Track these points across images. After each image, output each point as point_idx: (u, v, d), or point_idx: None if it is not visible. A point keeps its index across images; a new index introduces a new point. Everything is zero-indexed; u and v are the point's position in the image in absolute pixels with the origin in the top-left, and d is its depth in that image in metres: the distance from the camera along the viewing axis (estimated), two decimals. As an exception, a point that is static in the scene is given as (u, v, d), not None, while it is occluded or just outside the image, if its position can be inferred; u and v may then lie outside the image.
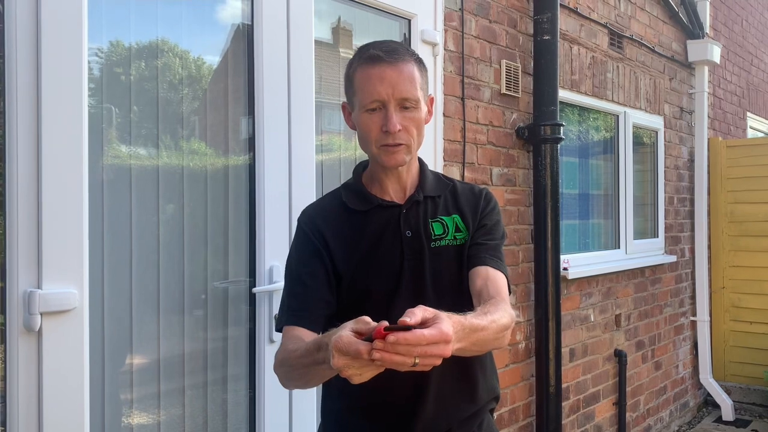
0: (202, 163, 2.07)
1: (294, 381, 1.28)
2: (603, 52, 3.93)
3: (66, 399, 1.64)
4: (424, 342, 0.93)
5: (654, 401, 4.45)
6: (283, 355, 1.27)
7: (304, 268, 1.37)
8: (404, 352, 0.92)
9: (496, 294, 1.29)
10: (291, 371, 1.24)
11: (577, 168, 3.91)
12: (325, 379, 1.22)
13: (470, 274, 1.36)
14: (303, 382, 1.26)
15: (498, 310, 1.19)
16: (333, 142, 2.48)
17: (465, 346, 1.06)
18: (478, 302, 1.29)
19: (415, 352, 0.93)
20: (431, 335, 0.93)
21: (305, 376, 1.21)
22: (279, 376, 1.31)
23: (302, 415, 2.22)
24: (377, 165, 1.39)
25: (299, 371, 1.20)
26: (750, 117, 6.28)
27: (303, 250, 1.39)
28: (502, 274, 1.36)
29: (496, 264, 1.36)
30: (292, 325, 1.32)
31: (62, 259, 1.64)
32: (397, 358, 0.93)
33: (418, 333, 0.93)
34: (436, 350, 0.94)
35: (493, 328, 1.15)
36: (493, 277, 1.33)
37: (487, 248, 1.38)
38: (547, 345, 3.18)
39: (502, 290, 1.32)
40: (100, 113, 1.83)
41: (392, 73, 1.29)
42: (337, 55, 2.53)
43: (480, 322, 1.11)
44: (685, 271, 4.93)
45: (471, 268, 1.36)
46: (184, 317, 2.01)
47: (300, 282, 1.36)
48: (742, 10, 6.05)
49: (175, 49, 2.03)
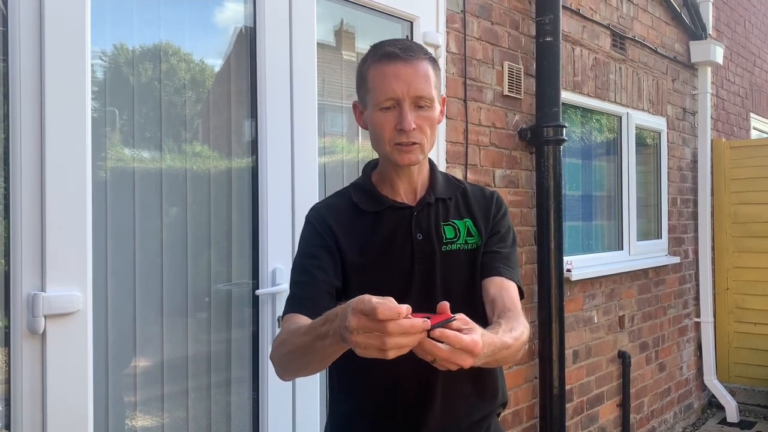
0: (205, 166, 2.08)
1: (291, 364, 1.22)
2: (605, 54, 3.93)
3: (69, 401, 1.64)
4: (457, 345, 0.92)
5: (658, 403, 4.43)
6: (283, 337, 1.22)
7: (309, 260, 1.34)
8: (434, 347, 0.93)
9: (511, 305, 1.29)
10: (290, 352, 1.18)
11: (579, 169, 3.90)
12: (326, 360, 1.15)
13: (484, 284, 1.36)
14: (301, 365, 1.20)
15: (519, 325, 1.21)
16: (336, 144, 2.48)
17: (486, 362, 1.06)
18: (491, 311, 1.30)
19: (442, 353, 0.92)
20: (466, 343, 0.93)
21: (305, 356, 1.15)
22: (276, 361, 1.26)
23: (306, 417, 2.22)
24: (389, 165, 1.37)
25: (300, 351, 1.15)
26: (753, 118, 6.26)
27: (310, 243, 1.36)
28: (515, 284, 1.36)
29: (510, 274, 1.37)
30: (294, 313, 1.28)
31: (66, 262, 1.64)
32: (427, 346, 0.92)
33: (458, 335, 0.92)
34: (461, 359, 0.94)
35: (517, 346, 1.17)
36: (507, 287, 1.34)
37: (501, 257, 1.38)
38: (550, 347, 3.17)
39: (516, 301, 1.33)
40: (103, 116, 1.84)
41: (408, 71, 1.27)
42: (340, 57, 2.54)
43: (507, 341, 1.12)
44: (688, 273, 4.92)
45: (485, 278, 1.36)
46: (187, 320, 2.01)
47: (305, 272, 1.33)
48: (745, 11, 6.04)
49: (178, 52, 2.04)
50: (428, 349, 0.93)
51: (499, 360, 1.13)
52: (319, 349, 1.07)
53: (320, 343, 1.06)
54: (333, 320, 1.01)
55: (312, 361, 1.15)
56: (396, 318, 0.89)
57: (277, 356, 1.25)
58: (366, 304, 0.90)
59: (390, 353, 0.91)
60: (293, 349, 1.17)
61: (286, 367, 1.24)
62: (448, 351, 0.93)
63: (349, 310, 0.92)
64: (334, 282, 1.31)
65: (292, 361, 1.20)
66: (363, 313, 0.90)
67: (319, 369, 1.24)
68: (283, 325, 1.28)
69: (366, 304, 0.90)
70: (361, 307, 0.90)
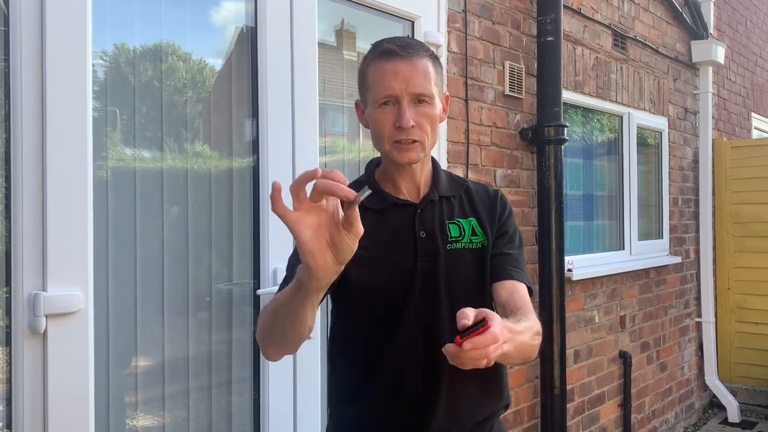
0: (206, 166, 2.08)
1: (267, 330, 1.17)
2: (607, 53, 3.93)
3: (71, 401, 1.64)
4: (499, 338, 0.96)
5: (659, 403, 4.43)
6: (266, 306, 1.19)
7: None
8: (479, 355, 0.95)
9: (522, 305, 1.30)
10: (266, 316, 1.15)
11: (581, 169, 3.90)
12: (296, 311, 1.07)
13: (495, 287, 1.36)
14: (275, 328, 1.14)
15: (528, 319, 1.22)
16: (337, 144, 2.48)
17: (510, 350, 1.06)
18: (502, 313, 1.30)
19: (491, 353, 0.95)
20: (499, 330, 0.96)
21: (277, 315, 1.11)
22: (258, 336, 1.22)
23: (307, 417, 2.22)
24: (390, 162, 1.36)
25: (272, 309, 1.12)
26: (755, 117, 6.26)
27: None
28: (525, 285, 1.37)
29: (520, 276, 1.37)
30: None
31: (67, 262, 1.64)
32: (470, 361, 0.96)
33: (492, 332, 0.95)
34: (485, 353, 0.96)
35: (529, 334, 1.18)
36: (518, 288, 1.34)
37: (511, 259, 1.39)
38: (551, 346, 3.17)
39: (527, 301, 1.33)
40: (104, 116, 1.84)
41: (406, 68, 1.27)
42: (341, 57, 2.54)
43: (517, 327, 1.13)
44: (690, 272, 4.91)
45: (496, 281, 1.36)
46: (188, 319, 2.01)
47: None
48: (746, 11, 6.03)
49: (178, 52, 2.04)
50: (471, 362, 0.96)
51: (520, 348, 1.14)
52: (288, 297, 1.07)
53: (290, 291, 1.06)
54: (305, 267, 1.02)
55: (282, 317, 1.11)
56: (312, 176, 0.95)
57: (259, 328, 1.21)
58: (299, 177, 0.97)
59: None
60: (267, 310, 1.16)
61: (264, 336, 1.20)
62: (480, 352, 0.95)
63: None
64: None
65: (267, 325, 1.17)
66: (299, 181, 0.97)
67: (289, 329, 1.13)
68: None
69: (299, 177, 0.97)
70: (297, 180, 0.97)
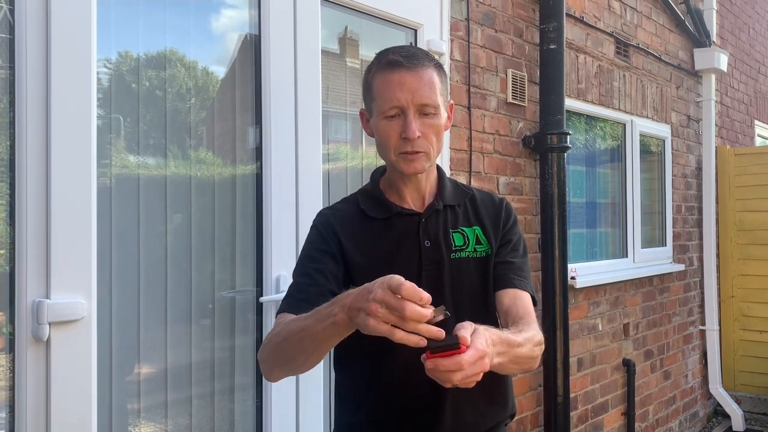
0: (209, 173, 2.08)
1: (284, 353, 1.18)
2: (609, 61, 3.93)
3: (74, 408, 1.64)
4: (464, 367, 0.95)
5: (663, 411, 4.41)
6: (278, 329, 1.20)
7: (311, 263, 1.33)
8: (441, 377, 0.96)
9: (525, 314, 1.30)
10: (285, 339, 1.16)
11: (584, 176, 3.90)
12: (319, 347, 1.12)
13: (498, 295, 1.36)
14: (294, 353, 1.16)
15: (530, 329, 1.22)
16: (340, 151, 2.48)
17: (504, 362, 1.07)
18: (505, 322, 1.30)
19: (454, 378, 0.96)
20: (470, 357, 0.95)
21: (301, 343, 1.12)
22: (267, 354, 1.23)
23: (310, 425, 2.21)
24: (395, 172, 1.37)
25: (297, 335, 1.12)
26: (758, 125, 6.26)
27: (314, 247, 1.35)
28: (528, 294, 1.37)
29: (523, 284, 1.37)
30: (289, 312, 1.25)
31: (70, 269, 1.64)
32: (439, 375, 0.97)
33: (457, 359, 0.94)
34: (476, 369, 0.96)
35: (529, 346, 1.18)
36: (521, 296, 1.35)
37: (515, 267, 1.39)
38: (554, 354, 3.16)
39: (530, 310, 1.33)
40: (108, 123, 1.84)
41: (412, 79, 1.27)
42: (344, 64, 2.54)
43: (516, 338, 1.13)
44: (693, 280, 4.90)
45: (499, 289, 1.36)
46: (191, 327, 2.01)
47: (305, 274, 1.32)
48: (749, 18, 6.04)
49: (182, 60, 2.05)
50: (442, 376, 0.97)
51: (515, 360, 1.13)
52: (318, 332, 1.08)
53: (320, 325, 1.07)
54: (342, 299, 1.03)
55: (306, 348, 1.14)
56: (417, 301, 0.94)
57: (269, 347, 1.22)
58: (395, 280, 0.95)
59: (398, 333, 0.95)
60: (288, 336, 1.16)
61: (276, 358, 1.21)
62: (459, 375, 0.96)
63: (377, 283, 0.97)
64: (333, 288, 1.30)
65: (285, 350, 1.18)
66: (390, 288, 0.95)
67: (310, 359, 1.19)
68: (277, 323, 1.27)
69: (395, 280, 0.95)
70: (390, 282, 0.95)
